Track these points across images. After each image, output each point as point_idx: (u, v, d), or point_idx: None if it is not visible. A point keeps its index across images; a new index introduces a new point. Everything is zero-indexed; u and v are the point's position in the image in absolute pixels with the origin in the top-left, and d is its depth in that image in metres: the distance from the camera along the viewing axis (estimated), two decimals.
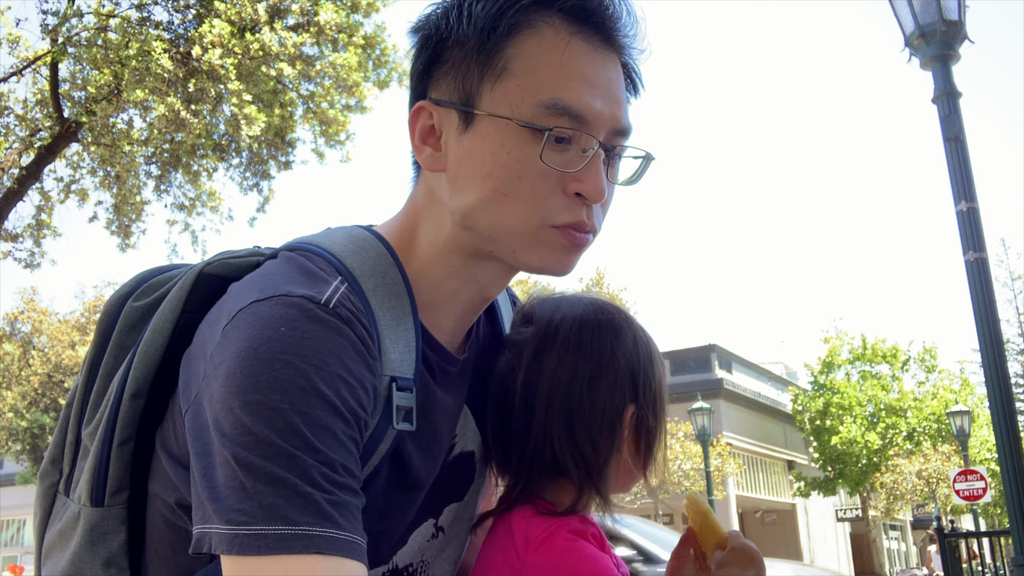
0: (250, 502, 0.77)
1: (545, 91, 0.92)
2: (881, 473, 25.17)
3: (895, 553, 38.02)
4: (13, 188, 10.15)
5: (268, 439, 0.78)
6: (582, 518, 1.06)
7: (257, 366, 0.81)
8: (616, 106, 0.96)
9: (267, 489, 0.77)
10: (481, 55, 0.94)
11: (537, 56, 0.93)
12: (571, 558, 0.98)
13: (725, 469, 21.82)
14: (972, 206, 5.33)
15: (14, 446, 24.01)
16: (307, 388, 0.81)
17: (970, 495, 14.08)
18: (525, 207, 0.93)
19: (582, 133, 0.93)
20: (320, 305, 0.86)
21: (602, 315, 1.11)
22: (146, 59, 8.92)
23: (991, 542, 9.70)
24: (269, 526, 0.76)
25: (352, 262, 0.96)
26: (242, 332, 0.84)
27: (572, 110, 0.92)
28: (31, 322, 25.32)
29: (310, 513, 0.77)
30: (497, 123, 0.93)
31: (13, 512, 31.46)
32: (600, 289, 26.03)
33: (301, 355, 0.82)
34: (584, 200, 0.94)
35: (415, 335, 0.96)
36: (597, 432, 1.06)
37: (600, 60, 0.96)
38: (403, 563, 1.03)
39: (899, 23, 5.73)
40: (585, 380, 1.06)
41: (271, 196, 11.61)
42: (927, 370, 27.87)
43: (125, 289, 1.09)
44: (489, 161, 0.93)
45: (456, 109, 0.96)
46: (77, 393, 1.07)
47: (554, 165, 0.92)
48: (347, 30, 10.18)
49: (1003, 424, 5.10)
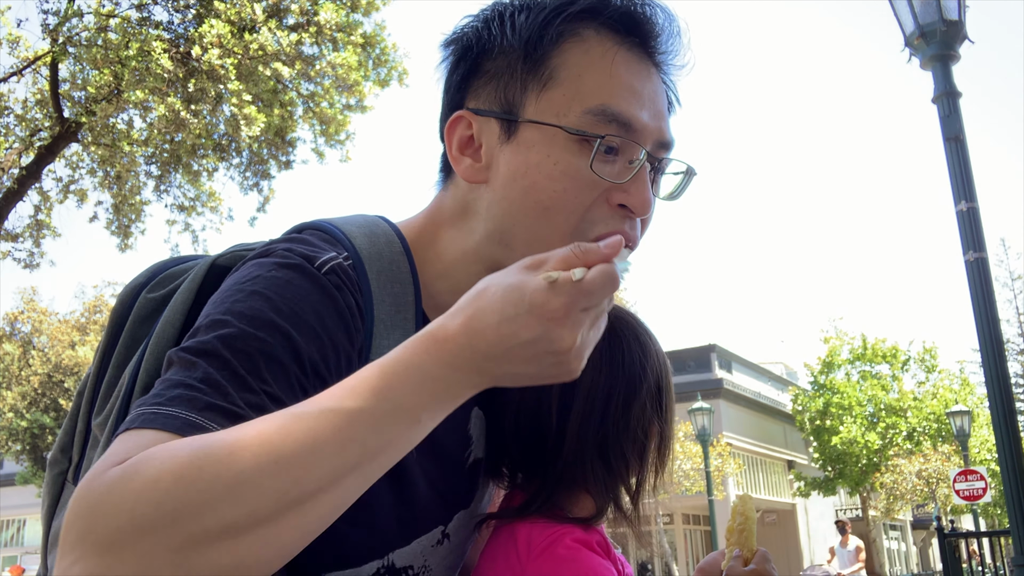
0: (160, 393, 0.76)
1: (592, 99, 0.91)
2: (881, 473, 25.16)
3: (895, 553, 38.00)
4: (13, 188, 10.14)
5: (216, 350, 0.78)
6: (587, 525, 1.05)
7: (238, 295, 0.83)
8: (661, 119, 0.96)
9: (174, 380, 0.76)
10: (526, 64, 0.93)
11: (584, 65, 0.92)
12: (572, 568, 0.97)
13: (725, 469, 21.80)
14: (972, 206, 5.33)
15: (14, 446, 23.98)
16: (274, 325, 0.81)
17: (970, 495, 14.07)
18: (566, 221, 0.91)
19: (630, 142, 0.91)
20: (314, 266, 0.87)
21: (628, 329, 1.09)
22: (146, 59, 8.92)
23: (991, 542, 9.70)
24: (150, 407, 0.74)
25: (360, 243, 0.95)
26: (238, 273, 0.88)
27: (621, 118, 0.91)
28: (31, 322, 25.30)
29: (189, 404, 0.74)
30: (543, 132, 0.92)
31: (13, 512, 31.43)
32: None
33: (283, 297, 0.83)
34: (628, 213, 0.93)
35: (416, 327, 0.95)
36: (630, 452, 1.05)
37: (645, 72, 0.96)
38: (401, 564, 1.01)
39: (899, 23, 5.73)
40: (620, 400, 1.04)
41: (271, 196, 11.61)
42: (927, 370, 27.85)
43: (140, 280, 1.08)
44: (533, 172, 0.91)
45: (498, 118, 0.95)
46: (88, 382, 1.07)
47: (603, 175, 0.90)
48: (346, 29, 10.18)
49: (1003, 424, 5.10)
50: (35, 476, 24.31)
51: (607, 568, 0.99)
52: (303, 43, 9.95)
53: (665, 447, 1.11)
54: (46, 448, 24.05)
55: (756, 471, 27.86)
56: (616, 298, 3.99)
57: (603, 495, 1.04)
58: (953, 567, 8.18)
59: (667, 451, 1.11)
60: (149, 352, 0.97)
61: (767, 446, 28.59)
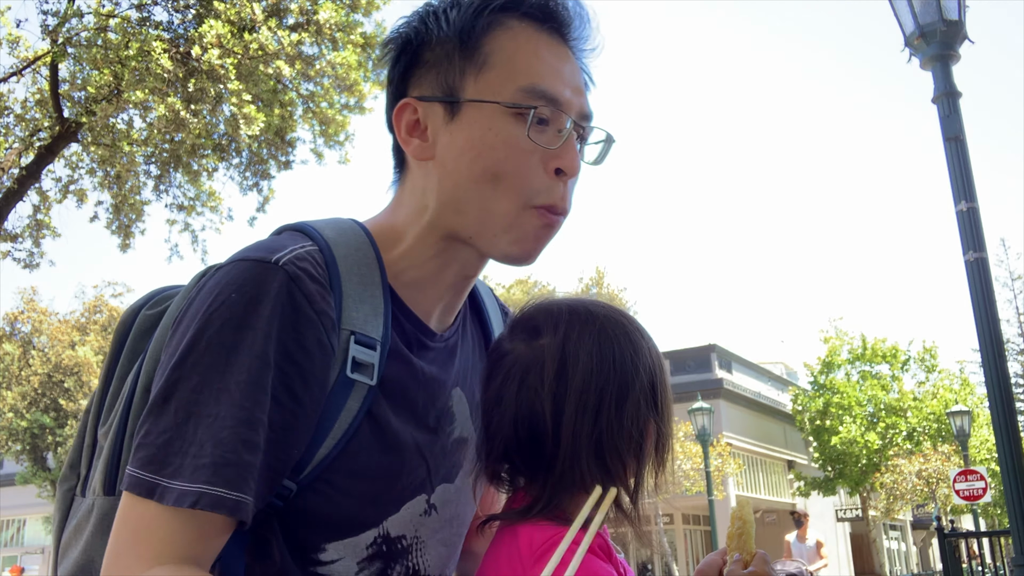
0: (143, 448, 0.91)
1: (523, 79, 1.04)
2: (881, 473, 25.16)
3: (895, 553, 38.01)
4: (13, 188, 10.13)
5: (184, 394, 0.91)
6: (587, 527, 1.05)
7: (202, 333, 0.93)
8: (580, 94, 1.09)
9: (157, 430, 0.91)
10: (463, 52, 1.06)
11: (513, 50, 1.06)
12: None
13: (725, 469, 21.80)
14: (972, 206, 5.33)
15: (14, 446, 23.99)
16: (239, 349, 0.92)
17: (970, 495, 14.08)
18: (513, 186, 1.03)
19: (558, 113, 1.05)
20: (270, 264, 0.96)
21: (619, 327, 1.09)
22: (146, 59, 8.92)
23: (991, 542, 9.71)
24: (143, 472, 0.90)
25: (328, 234, 1.05)
26: (200, 296, 0.97)
27: (548, 94, 1.04)
28: (31, 322, 25.31)
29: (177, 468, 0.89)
30: (483, 109, 1.04)
31: (13, 512, 31.43)
32: (600, 289, 26.01)
33: (238, 320, 0.93)
34: (562, 177, 1.05)
35: (383, 302, 1.04)
36: (626, 452, 1.04)
37: (564, 55, 1.10)
38: (395, 532, 1.06)
39: (899, 23, 5.73)
40: (612, 401, 1.04)
41: (271, 196, 11.61)
42: (927, 370, 27.86)
43: (140, 301, 1.19)
44: (478, 143, 1.03)
45: (441, 102, 1.06)
46: (95, 398, 1.14)
47: (538, 142, 1.03)
48: (346, 29, 10.17)
49: (1003, 424, 5.10)
50: (35, 476, 24.31)
51: (608, 571, 0.99)
52: (303, 43, 9.94)
53: (663, 445, 1.10)
54: (46, 448, 24.06)
55: (756, 471, 27.87)
56: (615, 298, 4.05)
57: None
58: (953, 567, 8.17)
59: (666, 449, 1.11)
60: (148, 355, 1.04)
61: (767, 446, 28.59)
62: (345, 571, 1.02)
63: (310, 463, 0.97)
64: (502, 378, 1.08)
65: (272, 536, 0.97)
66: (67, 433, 23.32)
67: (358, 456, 1.00)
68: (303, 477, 0.97)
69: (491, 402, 1.09)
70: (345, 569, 1.02)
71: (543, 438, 1.04)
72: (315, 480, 0.98)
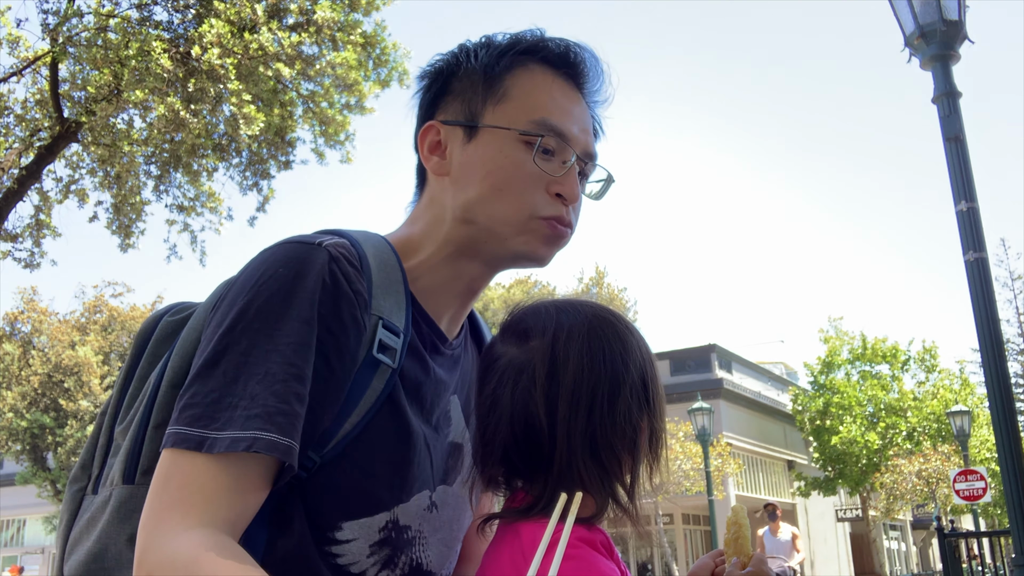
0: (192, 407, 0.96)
1: (536, 113, 1.16)
2: (881, 473, 25.17)
3: (895, 553, 38.03)
4: (13, 188, 10.14)
5: (234, 357, 0.96)
6: (590, 524, 1.06)
7: (251, 303, 0.99)
8: (587, 135, 1.22)
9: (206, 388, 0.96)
10: (486, 83, 1.19)
11: (530, 87, 1.19)
12: (577, 566, 0.97)
13: (725, 469, 21.82)
14: (972, 206, 5.33)
15: (14, 446, 23.99)
16: (287, 316, 0.98)
17: (970, 495, 14.09)
18: (517, 201, 1.15)
19: (564, 146, 1.17)
20: (314, 245, 1.04)
21: (608, 326, 1.11)
22: (146, 59, 8.92)
23: (991, 542, 9.71)
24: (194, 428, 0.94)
25: (357, 236, 1.14)
26: (247, 272, 1.04)
27: (557, 128, 1.16)
28: (31, 322, 25.31)
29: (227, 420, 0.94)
30: (497, 135, 1.16)
31: (13, 512, 31.45)
32: (600, 289, 26.03)
33: (286, 291, 1.00)
34: (563, 200, 1.16)
35: (405, 298, 1.12)
36: (620, 449, 1.06)
37: (576, 99, 1.22)
38: (404, 521, 1.10)
39: (899, 23, 5.74)
40: (604, 399, 1.05)
41: (271, 196, 11.61)
42: (927, 370, 27.89)
43: (162, 310, 1.25)
44: (489, 163, 1.15)
45: (461, 126, 1.19)
46: (112, 399, 1.18)
47: (542, 168, 1.15)
48: (346, 28, 10.17)
49: (1003, 424, 5.11)
50: (35, 476, 24.32)
51: (611, 568, 1.00)
52: (303, 43, 9.94)
53: (656, 441, 1.12)
54: (46, 448, 24.06)
55: (756, 471, 27.88)
56: (615, 298, 4.03)
57: (601, 493, 1.05)
58: (953, 567, 8.18)
59: (659, 445, 1.12)
60: (175, 354, 1.10)
61: (767, 446, 28.61)
62: (358, 552, 1.06)
63: (334, 437, 1.02)
64: (496, 381, 1.09)
65: (294, 511, 1.01)
66: (67, 433, 23.32)
67: (377, 437, 1.06)
68: (327, 451, 1.02)
69: (486, 406, 1.10)
70: (358, 550, 1.06)
71: (540, 438, 1.05)
72: (338, 455, 1.03)
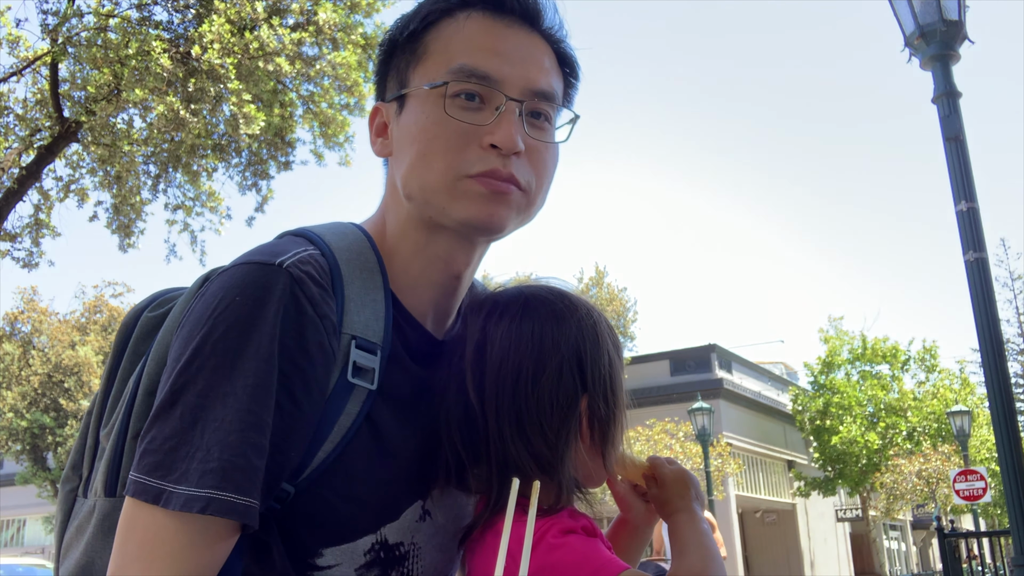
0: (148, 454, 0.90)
1: (454, 60, 1.06)
2: (881, 473, 25.16)
3: (895, 553, 38.01)
4: (13, 188, 10.13)
5: (189, 398, 0.90)
6: (571, 511, 1.06)
7: (207, 337, 0.92)
8: (530, 70, 1.08)
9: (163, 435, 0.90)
10: (407, 47, 1.10)
11: (450, 37, 1.08)
12: (563, 554, 0.97)
13: (725, 469, 21.80)
14: (972, 206, 5.33)
15: (14, 446, 23.97)
16: (244, 353, 0.91)
17: (970, 495, 14.09)
18: (441, 162, 1.04)
19: (494, 91, 1.05)
20: (274, 267, 0.96)
21: (541, 306, 1.09)
22: (146, 59, 8.91)
23: (991, 542, 9.71)
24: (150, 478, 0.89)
25: (330, 239, 1.06)
26: (204, 299, 0.96)
27: (478, 71, 1.04)
28: (31, 322, 25.29)
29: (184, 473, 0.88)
30: (417, 97, 1.07)
31: (13, 512, 31.44)
32: (600, 289, 26.01)
33: (243, 323, 0.92)
34: (499, 151, 1.03)
35: (385, 307, 1.05)
36: (548, 428, 1.03)
37: (511, 34, 1.09)
38: (393, 539, 1.06)
39: (899, 23, 5.74)
40: (529, 375, 1.04)
41: (270, 196, 11.61)
42: (927, 370, 27.87)
43: (141, 304, 1.19)
44: (413, 129, 1.06)
45: (395, 99, 1.11)
46: (97, 399, 1.14)
47: (463, 119, 1.04)
48: (346, 29, 10.17)
49: (1003, 424, 5.11)
50: (35, 476, 24.30)
51: (596, 547, 0.99)
52: (303, 43, 9.94)
53: (604, 424, 1.08)
54: (46, 448, 24.05)
55: (756, 471, 27.86)
56: (615, 298, 4.03)
57: (538, 475, 1.00)
58: (953, 567, 8.18)
59: (608, 428, 1.08)
60: (151, 359, 1.04)
61: (767, 446, 28.59)
62: None
63: (308, 467, 0.97)
64: (444, 368, 1.09)
65: (271, 540, 0.96)
66: (67, 433, 23.31)
67: (356, 460, 1.00)
68: (301, 480, 0.97)
69: (439, 396, 1.09)
70: (343, 575, 1.02)
71: (475, 422, 1.04)
72: (313, 484, 0.98)
